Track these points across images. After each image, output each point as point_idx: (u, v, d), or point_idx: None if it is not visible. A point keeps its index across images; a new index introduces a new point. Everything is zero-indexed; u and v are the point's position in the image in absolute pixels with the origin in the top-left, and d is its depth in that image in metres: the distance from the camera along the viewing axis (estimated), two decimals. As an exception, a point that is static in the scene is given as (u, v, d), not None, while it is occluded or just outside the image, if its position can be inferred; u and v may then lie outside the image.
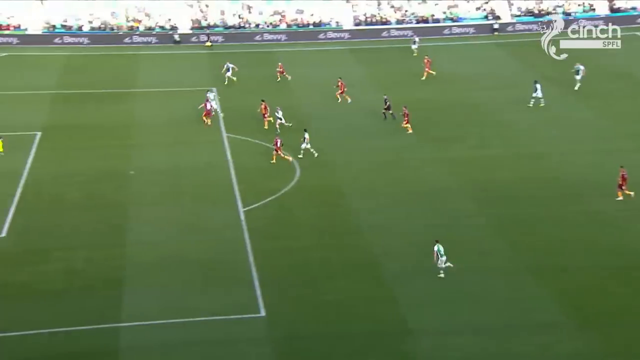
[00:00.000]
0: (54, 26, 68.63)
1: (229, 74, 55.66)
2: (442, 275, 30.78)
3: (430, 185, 39.74)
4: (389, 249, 33.28)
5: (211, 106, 48.01)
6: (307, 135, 42.80)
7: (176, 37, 68.47)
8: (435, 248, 30.73)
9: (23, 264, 31.92)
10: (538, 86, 50.51)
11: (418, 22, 72.72)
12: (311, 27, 71.74)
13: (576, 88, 53.16)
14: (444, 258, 30.68)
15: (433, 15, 73.16)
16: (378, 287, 30.57)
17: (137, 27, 69.72)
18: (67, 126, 47.47)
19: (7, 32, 66.99)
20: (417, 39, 64.45)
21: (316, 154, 42.41)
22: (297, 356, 26.69)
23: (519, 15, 73.34)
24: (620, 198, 37.17)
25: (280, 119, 45.96)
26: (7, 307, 28.86)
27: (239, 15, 71.91)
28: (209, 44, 67.23)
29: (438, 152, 43.93)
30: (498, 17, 72.83)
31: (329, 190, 39.31)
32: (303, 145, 42.53)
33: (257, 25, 71.35)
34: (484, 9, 73.95)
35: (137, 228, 35.09)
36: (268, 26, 71.44)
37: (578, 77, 53.20)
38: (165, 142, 45.40)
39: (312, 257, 32.90)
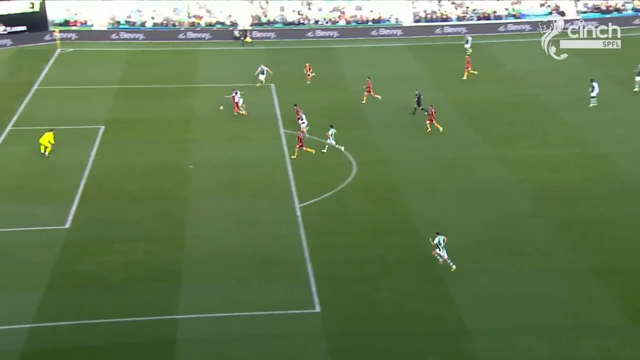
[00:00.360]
0: (118, 22, 70.07)
1: (262, 76, 54.35)
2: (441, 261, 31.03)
3: (489, 183, 39.09)
4: (446, 247, 32.81)
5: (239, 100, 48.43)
6: (331, 131, 42.67)
7: (236, 33, 69.13)
8: (435, 241, 30.93)
9: (85, 254, 32.58)
10: (595, 84, 49.23)
11: (479, 18, 71.70)
12: (370, 23, 71.53)
13: (636, 89, 51.63)
14: (444, 252, 30.82)
15: (495, 12, 71.99)
16: (435, 286, 30.22)
17: (198, 24, 70.65)
18: (128, 120, 48.32)
19: (73, 28, 68.67)
20: (469, 38, 63.24)
21: (342, 147, 42.35)
22: (352, 353, 26.57)
23: (585, 12, 71.54)
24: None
25: (304, 122, 44.99)
26: (72, 297, 29.51)
27: (299, 12, 72.13)
28: (248, 39, 67.67)
29: (498, 151, 43.17)
30: (563, 14, 71.16)
31: (386, 188, 39.04)
32: (328, 141, 42.45)
33: (317, 22, 71.47)
34: (548, 5, 72.40)
35: (195, 221, 35.48)
36: (327, 23, 71.49)
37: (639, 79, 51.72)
38: (224, 137, 45.82)
39: (368, 254, 32.74)
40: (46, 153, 41.83)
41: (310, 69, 56.21)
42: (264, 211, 36.56)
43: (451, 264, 30.90)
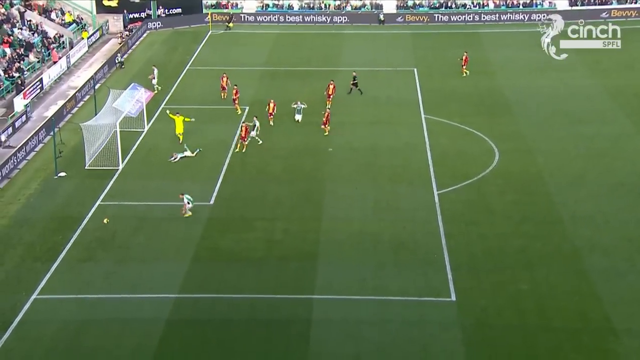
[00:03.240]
0: (266, 5, 71.64)
1: (298, 116, 45.25)
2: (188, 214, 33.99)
3: (646, 177, 36.77)
4: (594, 242, 31.26)
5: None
6: (257, 123, 41.70)
7: (381, 16, 68.81)
8: (185, 199, 34.04)
9: (228, 230, 33.59)
10: None
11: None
12: (521, 7, 69.02)
13: None
14: (191, 205, 34.01)
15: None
16: (580, 281, 28.83)
17: (344, 7, 70.89)
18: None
19: (225, 10, 71.03)
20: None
21: (260, 142, 41.35)
22: (487, 344, 25.83)
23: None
24: None
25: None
26: (214, 270, 30.52)
27: (445, -5, 70.74)
28: (231, 24, 67.03)
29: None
30: None
31: (530, 178, 37.62)
32: (252, 133, 41.36)
33: (464, 6, 69.79)
34: None
35: (332, 203, 35.71)
36: (475, 6, 69.71)
37: None
38: (364, 121, 45.79)
39: (508, 244, 31.71)
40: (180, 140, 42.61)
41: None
42: (401, 196, 36.25)
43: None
